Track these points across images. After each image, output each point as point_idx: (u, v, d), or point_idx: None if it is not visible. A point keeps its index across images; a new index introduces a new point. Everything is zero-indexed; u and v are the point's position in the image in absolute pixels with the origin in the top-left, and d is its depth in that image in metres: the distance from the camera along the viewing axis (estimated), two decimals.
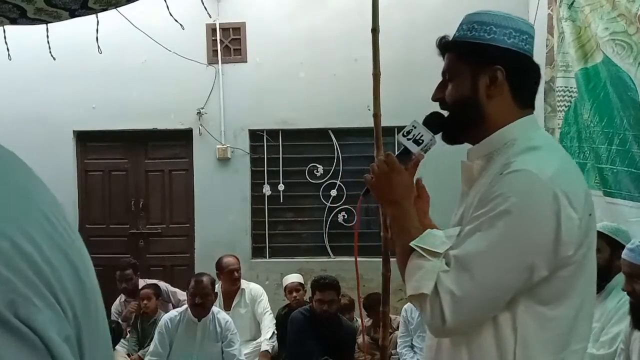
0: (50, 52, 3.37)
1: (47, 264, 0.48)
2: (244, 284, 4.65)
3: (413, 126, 1.34)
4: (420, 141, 1.32)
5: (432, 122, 1.34)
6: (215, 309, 4.06)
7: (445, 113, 1.34)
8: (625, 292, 2.48)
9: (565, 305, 1.16)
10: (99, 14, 3.03)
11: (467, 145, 1.39)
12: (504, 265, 1.12)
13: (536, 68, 1.29)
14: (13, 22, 2.57)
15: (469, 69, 1.26)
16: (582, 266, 1.17)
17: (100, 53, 3.59)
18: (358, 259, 1.69)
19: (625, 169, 3.27)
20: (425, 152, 1.35)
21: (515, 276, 1.12)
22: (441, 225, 1.42)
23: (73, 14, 2.54)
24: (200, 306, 3.87)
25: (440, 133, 1.35)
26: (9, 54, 3.46)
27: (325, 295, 3.92)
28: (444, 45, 1.33)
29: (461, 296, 1.11)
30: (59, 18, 2.58)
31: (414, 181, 1.38)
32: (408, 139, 1.33)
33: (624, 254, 2.47)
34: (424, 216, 1.44)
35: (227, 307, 4.53)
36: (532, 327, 1.15)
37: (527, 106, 1.28)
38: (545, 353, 1.15)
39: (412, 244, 1.21)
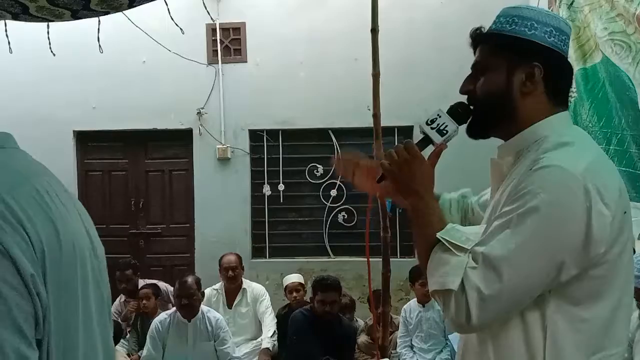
0: (50, 48, 3.36)
1: (24, 214, 0.81)
2: (246, 283, 4.67)
3: (438, 115, 1.27)
4: (445, 131, 1.27)
5: (458, 113, 1.29)
6: (205, 307, 4.07)
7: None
8: None
9: (598, 306, 1.12)
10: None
11: (483, 142, 1.36)
12: (533, 265, 1.08)
13: (571, 68, 1.26)
14: (15, 17, 2.57)
15: (505, 63, 1.22)
16: (616, 266, 1.12)
17: (102, 53, 3.59)
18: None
19: (623, 169, 3.27)
20: (446, 143, 1.30)
21: (544, 274, 1.09)
22: None
23: (75, 15, 2.55)
24: (188, 307, 3.88)
25: (464, 125, 1.30)
26: (9, 47, 3.44)
27: (327, 296, 3.91)
28: (479, 37, 1.27)
29: (489, 295, 1.08)
30: (60, 17, 2.58)
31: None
32: (432, 128, 1.27)
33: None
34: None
35: (229, 305, 4.57)
36: (562, 327, 1.11)
37: (560, 104, 1.25)
38: (577, 354, 1.11)
39: (439, 235, 1.16)
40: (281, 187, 5.73)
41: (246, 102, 5.60)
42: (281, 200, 5.75)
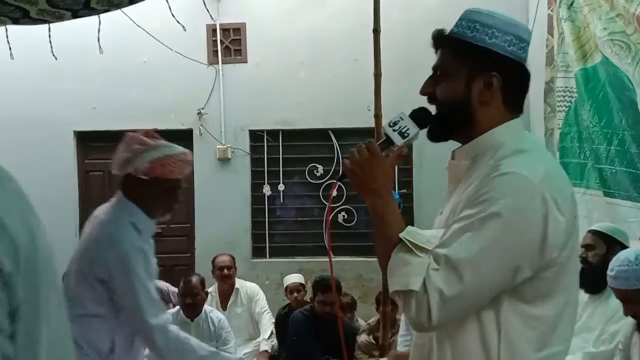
0: (52, 51, 3.37)
1: (8, 218, 0.88)
2: (239, 283, 4.65)
3: (400, 118, 1.31)
4: (406, 134, 1.30)
5: (419, 117, 1.32)
6: (208, 307, 4.07)
7: (433, 109, 1.33)
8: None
9: (548, 304, 1.18)
10: (101, 15, 3.04)
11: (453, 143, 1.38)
12: (493, 268, 1.13)
13: (528, 75, 1.29)
14: (15, 22, 2.57)
15: (465, 70, 1.24)
16: (565, 268, 1.18)
17: (102, 53, 3.60)
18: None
19: (624, 169, 3.27)
20: (406, 145, 1.34)
21: (501, 277, 1.14)
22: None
23: (75, 15, 2.55)
24: (192, 306, 3.89)
25: (426, 129, 1.33)
26: (11, 53, 3.46)
27: (328, 296, 3.91)
28: (440, 40, 1.30)
29: (450, 296, 1.11)
30: (61, 18, 2.58)
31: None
32: (394, 130, 1.30)
33: (609, 283, 2.40)
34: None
35: (223, 307, 4.54)
36: (515, 325, 1.17)
37: (516, 111, 1.29)
38: (528, 350, 1.17)
39: (401, 235, 1.19)
40: (281, 187, 5.74)
41: (246, 103, 5.60)
42: (281, 200, 5.76)
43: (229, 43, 5.66)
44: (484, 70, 1.23)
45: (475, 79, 1.24)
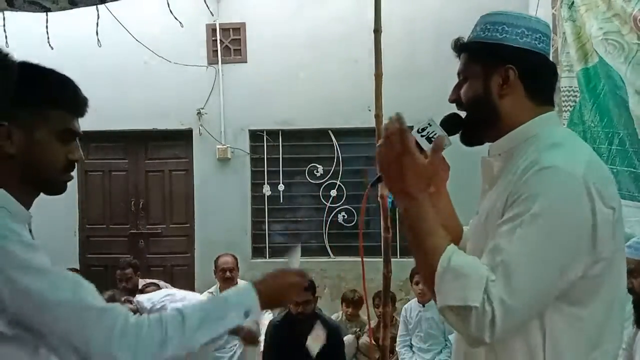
0: (48, 41, 3.31)
1: None
2: (241, 283, 4.65)
3: (428, 124, 1.30)
4: (434, 139, 1.28)
5: (449, 123, 1.30)
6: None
7: (463, 114, 1.31)
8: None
9: (594, 304, 1.12)
10: (100, 12, 3.01)
11: (482, 148, 1.36)
12: (549, 268, 1.07)
13: (552, 66, 1.28)
14: (10, 4, 2.52)
15: (481, 68, 1.25)
16: (611, 263, 1.13)
17: (100, 47, 3.56)
18: (359, 259, 1.66)
19: (625, 168, 3.27)
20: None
21: (559, 277, 1.08)
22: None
23: (73, 1, 2.51)
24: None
25: (458, 135, 1.31)
26: (7, 42, 3.39)
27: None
28: (459, 47, 1.32)
29: (512, 304, 1.05)
30: (57, 3, 2.53)
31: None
32: (422, 136, 1.29)
33: (627, 254, 2.39)
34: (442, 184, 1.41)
35: None
36: (560, 327, 1.12)
37: (544, 103, 1.26)
38: (575, 353, 1.12)
39: (452, 264, 1.11)
40: (281, 187, 5.73)
41: (246, 103, 5.59)
42: (281, 201, 5.75)
43: (228, 43, 5.65)
44: (499, 65, 1.23)
45: (492, 75, 1.24)
